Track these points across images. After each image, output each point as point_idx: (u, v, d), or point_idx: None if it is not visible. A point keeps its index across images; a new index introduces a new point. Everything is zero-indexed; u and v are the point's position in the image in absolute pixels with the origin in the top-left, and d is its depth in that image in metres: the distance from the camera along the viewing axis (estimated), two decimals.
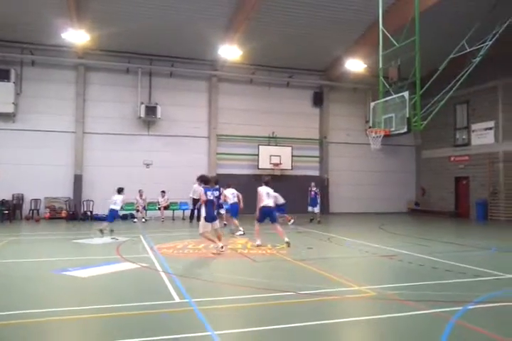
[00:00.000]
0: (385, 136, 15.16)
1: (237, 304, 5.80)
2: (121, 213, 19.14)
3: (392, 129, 14.79)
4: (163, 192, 18.81)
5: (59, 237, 12.77)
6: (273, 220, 10.72)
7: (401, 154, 24.82)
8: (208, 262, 8.97)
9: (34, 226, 16.07)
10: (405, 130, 14.34)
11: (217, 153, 21.50)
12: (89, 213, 18.81)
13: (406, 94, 14.30)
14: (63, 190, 19.09)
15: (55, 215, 18.46)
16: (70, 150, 19.46)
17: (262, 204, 10.63)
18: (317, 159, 23.46)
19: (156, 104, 20.36)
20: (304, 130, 23.08)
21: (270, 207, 10.70)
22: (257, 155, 21.68)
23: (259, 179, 21.36)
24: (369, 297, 6.11)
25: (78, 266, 8.21)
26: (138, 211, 18.33)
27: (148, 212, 18.63)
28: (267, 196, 10.71)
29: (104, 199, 19.05)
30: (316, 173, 23.29)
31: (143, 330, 4.72)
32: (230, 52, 18.87)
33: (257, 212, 10.83)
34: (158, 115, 20.17)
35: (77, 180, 19.33)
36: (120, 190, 12.81)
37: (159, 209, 18.63)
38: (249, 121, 22.07)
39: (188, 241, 11.67)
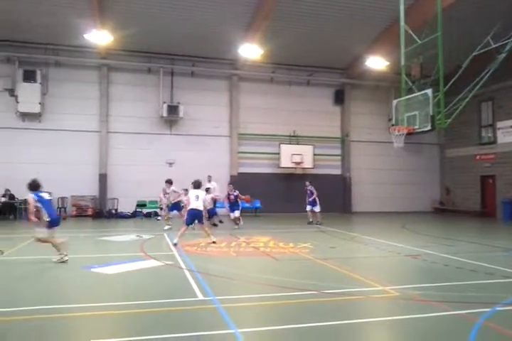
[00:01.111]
0: (408, 134, 14.96)
1: (260, 302, 5.85)
2: (145, 211, 19.55)
3: (416, 127, 14.59)
4: (185, 190, 18.90)
5: (86, 235, 13.05)
6: (200, 221, 10.96)
7: (424, 152, 24.47)
8: (230, 260, 9.04)
9: (61, 224, 16.37)
10: (429, 128, 14.13)
11: (239, 152, 21.59)
12: (114, 211, 19.14)
13: (429, 91, 14.09)
14: (89, 189, 19.46)
15: (81, 213, 18.84)
16: (94, 149, 19.81)
17: (189, 207, 10.74)
18: (339, 158, 23.33)
19: (178, 103, 20.56)
20: (325, 128, 22.96)
21: (198, 209, 10.73)
22: (279, 154, 21.68)
23: (281, 178, 21.58)
24: (393, 297, 6.07)
25: (104, 263, 8.39)
26: (162, 209, 18.55)
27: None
28: (196, 199, 10.74)
29: (126, 198, 19.47)
30: (338, 172, 23.16)
31: (167, 327, 4.81)
32: (251, 51, 18.93)
33: (186, 215, 11.03)
34: (180, 114, 20.36)
35: (102, 179, 19.68)
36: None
37: (182, 207, 18.75)
38: (270, 119, 22.08)
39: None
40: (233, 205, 14.99)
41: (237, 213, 14.92)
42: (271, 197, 20.58)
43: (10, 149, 18.71)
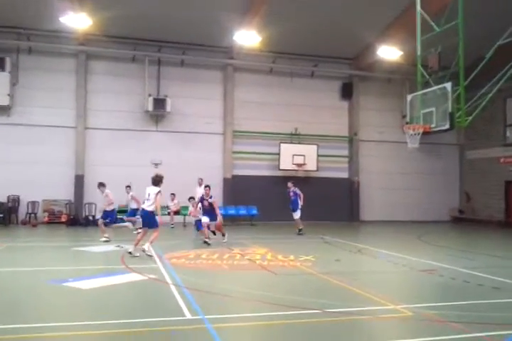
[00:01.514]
0: (424, 133, 15.04)
1: (256, 322, 5.85)
2: (126, 218, 19.48)
3: (433, 125, 14.67)
4: (172, 195, 18.97)
5: (58, 244, 13.03)
6: (148, 226, 10.68)
7: (442, 154, 24.57)
8: (223, 274, 9.04)
9: (31, 232, 16.41)
10: (447, 126, 14.22)
11: (234, 152, 21.63)
12: (91, 218, 19.09)
13: (448, 85, 14.18)
14: (63, 192, 19.43)
15: (54, 219, 18.82)
16: (70, 147, 19.82)
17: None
18: (346, 159, 23.39)
19: (166, 96, 20.58)
20: (331, 126, 23.04)
21: (146, 210, 10.57)
22: (278, 154, 21.72)
23: (281, 181, 21.56)
24: (406, 317, 6.07)
25: (79, 276, 8.36)
26: (169, 214, 18.67)
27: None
28: (147, 197, 10.60)
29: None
30: (345, 175, 23.24)
31: None
32: (248, 38, 18.98)
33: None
34: (168, 109, 20.38)
35: (78, 181, 19.64)
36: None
37: (169, 213, 18.81)
38: (269, 115, 22.13)
39: (201, 251, 11.76)
40: (208, 214, 13.32)
41: (211, 225, 13.50)
42: (269, 203, 20.56)
43: None
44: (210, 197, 13.41)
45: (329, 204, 18.04)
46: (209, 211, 13.26)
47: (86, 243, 13.16)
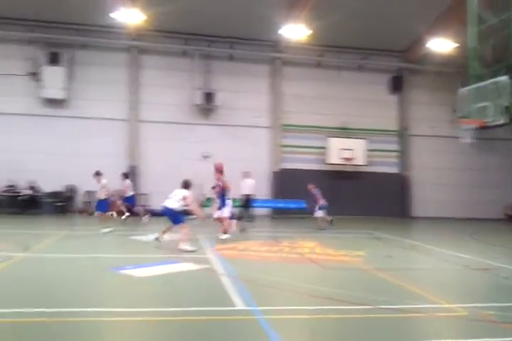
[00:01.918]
0: (479, 128, 14.56)
1: (306, 315, 5.84)
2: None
3: (488, 120, 14.17)
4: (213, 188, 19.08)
5: (114, 232, 13.39)
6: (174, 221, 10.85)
7: (497, 150, 23.66)
8: (272, 266, 9.08)
9: (87, 220, 16.99)
10: (504, 121, 13.71)
11: (281, 145, 21.60)
12: (145, 208, 19.48)
13: (504, 78, 13.66)
14: (117, 183, 19.88)
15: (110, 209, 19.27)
16: (123, 139, 20.30)
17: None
18: (396, 154, 22.92)
19: (215, 90, 20.74)
20: (380, 120, 22.65)
21: (167, 207, 10.79)
22: (326, 148, 21.55)
23: (329, 176, 21.39)
24: (460, 317, 5.93)
25: (134, 264, 8.61)
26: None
27: (205, 208, 19.06)
28: (172, 196, 10.81)
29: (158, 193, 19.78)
30: (395, 170, 22.77)
31: (203, 338, 4.87)
32: (295, 31, 18.87)
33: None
34: (217, 102, 20.55)
35: (133, 172, 20.10)
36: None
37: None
38: (317, 109, 21.96)
39: (250, 243, 11.86)
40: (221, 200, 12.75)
41: (225, 212, 12.58)
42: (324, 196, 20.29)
43: (31, 138, 19.40)
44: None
45: (379, 200, 17.75)
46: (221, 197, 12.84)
47: (140, 232, 13.50)
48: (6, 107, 19.25)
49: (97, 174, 13.71)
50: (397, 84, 22.92)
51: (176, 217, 10.74)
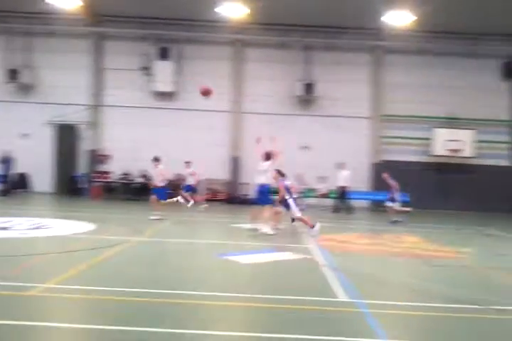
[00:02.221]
0: None
1: (412, 312, 5.68)
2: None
3: None
4: (321, 178, 19.10)
5: (219, 220, 13.94)
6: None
7: None
8: (374, 259, 8.96)
9: (192, 207, 17.80)
10: None
11: (382, 137, 21.04)
12: (246, 196, 20.10)
13: None
14: (221, 172, 20.71)
15: (214, 197, 20.13)
16: (226, 130, 20.95)
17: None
18: (507, 145, 21.36)
19: (314, 80, 20.65)
20: (490, 109, 21.18)
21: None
22: (431, 139, 20.63)
23: (433, 168, 20.48)
24: None
25: (238, 251, 8.93)
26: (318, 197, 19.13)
27: (305, 199, 19.17)
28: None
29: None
30: (506, 163, 21.23)
31: (305, 327, 4.90)
32: (399, 18, 18.16)
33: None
34: (316, 93, 20.47)
35: (235, 162, 20.75)
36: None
37: (318, 196, 19.06)
38: (420, 98, 21.05)
39: (352, 235, 11.78)
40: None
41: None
42: (419, 190, 19.48)
43: (143, 129, 20.66)
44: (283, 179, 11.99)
45: (488, 194, 16.67)
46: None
47: (243, 220, 13.90)
48: (122, 100, 20.66)
49: (155, 160, 13.51)
50: (509, 70, 21.26)
51: (264, 195, 10.71)
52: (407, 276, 7.60)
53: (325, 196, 19.00)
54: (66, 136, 20.68)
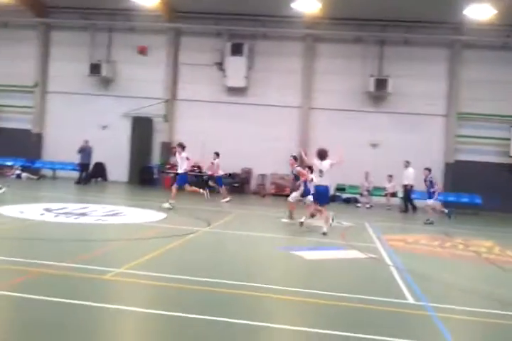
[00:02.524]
0: None
1: (481, 318, 5.47)
2: (344, 196, 20.00)
3: None
4: (390, 176, 18.62)
5: (283, 215, 13.94)
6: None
7: None
8: (444, 263, 8.68)
9: (260, 201, 18.04)
10: None
11: (457, 136, 20.17)
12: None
13: None
14: (286, 167, 20.64)
15: (279, 192, 20.20)
16: (296, 125, 20.87)
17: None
18: None
19: (387, 76, 20.12)
20: None
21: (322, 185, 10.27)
22: (509, 139, 19.53)
23: (509, 169, 19.41)
24: None
25: (302, 246, 8.94)
26: (362, 195, 18.79)
27: (373, 197, 18.86)
28: (320, 173, 10.17)
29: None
30: None
31: (369, 326, 4.87)
32: (479, 12, 17.31)
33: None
34: (389, 89, 19.95)
35: (302, 157, 20.56)
36: None
37: (385, 195, 18.65)
38: (500, 96, 19.93)
39: (420, 236, 11.44)
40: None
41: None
42: (495, 192, 18.50)
43: (215, 123, 20.99)
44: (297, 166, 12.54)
45: None
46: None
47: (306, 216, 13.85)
48: (195, 94, 21.16)
49: (180, 146, 13.28)
50: None
51: (327, 196, 10.76)
52: (477, 281, 7.31)
53: (393, 195, 18.53)
54: (142, 128, 21.44)
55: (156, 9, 19.97)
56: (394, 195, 18.54)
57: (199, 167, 19.64)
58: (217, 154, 16.41)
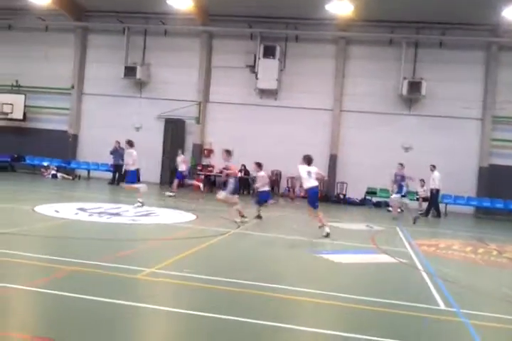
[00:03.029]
0: None
1: None
2: (375, 200, 19.78)
3: None
4: (422, 181, 18.27)
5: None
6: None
7: None
8: (477, 269, 8.52)
9: (288, 204, 18.01)
10: None
11: (492, 139, 19.68)
12: (341, 196, 19.84)
13: None
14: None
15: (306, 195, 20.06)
16: (326, 128, 20.76)
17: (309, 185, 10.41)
18: None
19: (421, 79, 19.80)
20: None
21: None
22: None
23: None
24: None
25: (332, 249, 8.88)
26: (418, 200, 18.54)
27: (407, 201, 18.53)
28: (307, 175, 10.35)
29: (354, 183, 19.87)
30: None
31: (399, 331, 4.82)
32: None
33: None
34: (423, 92, 19.62)
35: (332, 160, 20.53)
36: None
37: (417, 199, 18.32)
38: None
39: (453, 241, 11.21)
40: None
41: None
42: None
43: (246, 125, 21.08)
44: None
45: None
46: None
47: (338, 219, 13.79)
48: (227, 97, 21.31)
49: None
50: None
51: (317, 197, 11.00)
52: (510, 288, 7.09)
53: (425, 200, 18.20)
54: (174, 129, 21.73)
55: (190, 13, 20.20)
56: (426, 199, 18.19)
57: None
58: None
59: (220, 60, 21.62)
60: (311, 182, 10.65)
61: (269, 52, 20.64)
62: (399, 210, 15.78)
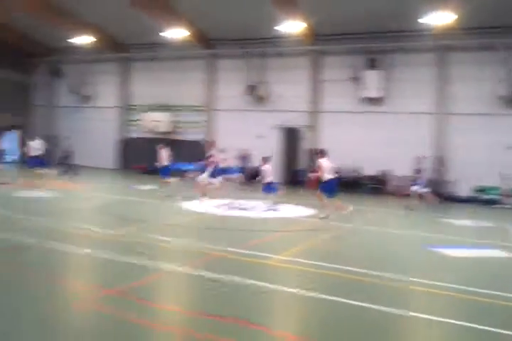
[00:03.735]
0: None
1: None
2: (484, 197, 18.31)
3: None
4: None
5: (424, 214, 13.31)
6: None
7: None
8: None
9: (398, 201, 17.35)
10: None
11: None
12: (450, 194, 18.65)
13: None
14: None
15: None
16: (429, 131, 19.95)
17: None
18: None
19: None
20: None
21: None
22: None
23: None
24: None
25: (446, 244, 8.47)
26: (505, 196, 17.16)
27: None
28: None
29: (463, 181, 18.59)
30: None
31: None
32: None
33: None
34: None
35: (439, 161, 19.43)
36: None
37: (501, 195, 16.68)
38: None
39: None
40: None
41: None
42: None
43: (355, 130, 21.02)
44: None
45: None
46: None
47: (452, 216, 13.01)
48: (335, 106, 21.48)
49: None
50: None
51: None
52: None
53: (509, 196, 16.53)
54: (290, 137, 22.50)
55: (299, 35, 20.44)
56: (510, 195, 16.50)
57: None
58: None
59: (327, 74, 21.94)
60: (331, 174, 11.37)
61: (372, 64, 20.63)
62: None
